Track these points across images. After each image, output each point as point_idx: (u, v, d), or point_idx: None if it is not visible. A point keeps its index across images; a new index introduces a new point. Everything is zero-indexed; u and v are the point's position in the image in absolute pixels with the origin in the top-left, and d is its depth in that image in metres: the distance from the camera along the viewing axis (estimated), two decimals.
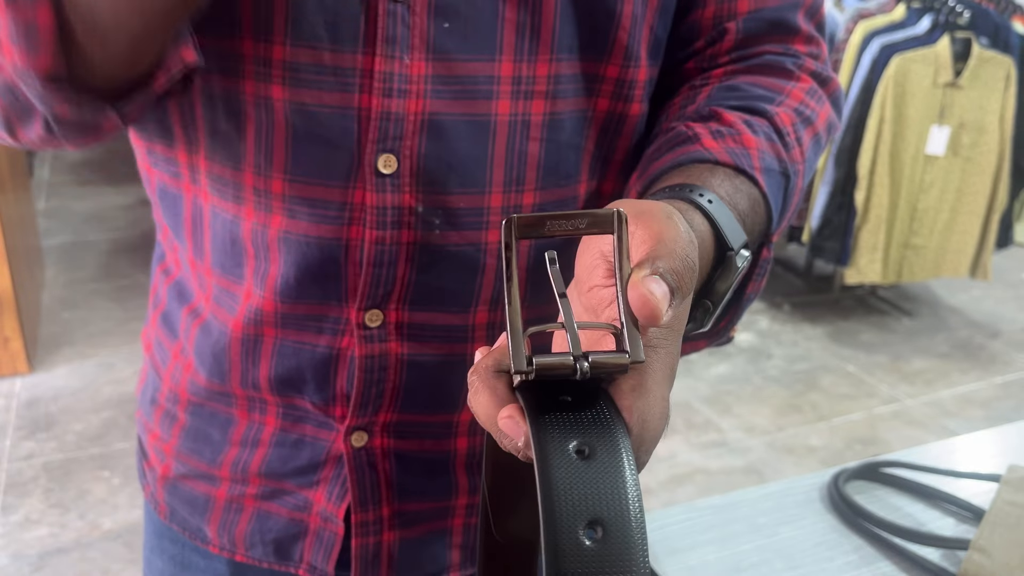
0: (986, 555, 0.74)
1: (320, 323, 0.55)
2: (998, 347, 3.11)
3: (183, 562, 0.67)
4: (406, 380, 0.57)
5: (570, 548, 0.25)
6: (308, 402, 0.58)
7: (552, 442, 0.27)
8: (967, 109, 2.81)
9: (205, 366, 0.60)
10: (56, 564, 1.85)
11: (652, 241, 0.33)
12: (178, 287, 0.63)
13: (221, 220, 0.55)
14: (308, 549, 0.62)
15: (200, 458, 0.63)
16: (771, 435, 2.48)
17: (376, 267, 0.53)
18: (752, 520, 0.84)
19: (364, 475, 0.59)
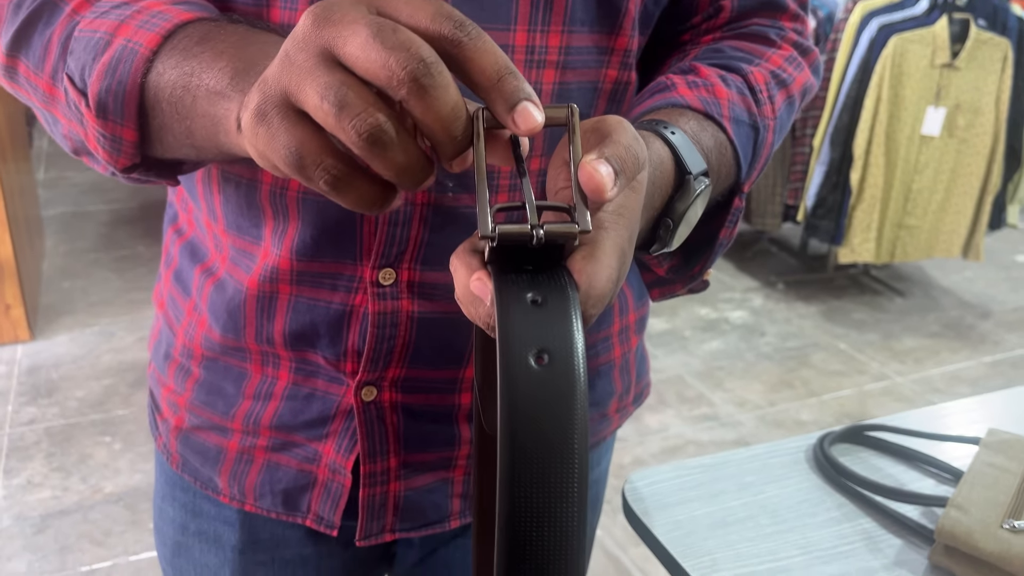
0: (963, 512, 0.77)
1: (335, 280, 0.57)
2: (988, 327, 3.15)
3: (194, 510, 0.70)
4: (415, 337, 0.59)
5: (521, 371, 0.30)
6: (320, 357, 0.60)
7: (511, 293, 0.32)
8: (963, 90, 2.82)
9: (219, 322, 0.62)
10: (58, 525, 1.89)
11: (602, 138, 0.37)
12: (191, 247, 0.65)
13: (235, 183, 0.57)
14: (316, 500, 0.65)
15: (213, 411, 0.65)
16: (762, 410, 2.52)
17: (391, 226, 0.55)
18: (739, 479, 0.87)
19: (373, 428, 0.61)
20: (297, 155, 0.34)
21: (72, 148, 0.52)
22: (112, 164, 0.47)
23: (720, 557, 0.76)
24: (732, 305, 3.22)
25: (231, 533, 0.68)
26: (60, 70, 0.48)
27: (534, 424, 0.29)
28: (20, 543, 1.83)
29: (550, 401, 0.29)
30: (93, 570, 1.77)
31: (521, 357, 0.30)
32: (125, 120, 0.45)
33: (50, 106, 0.50)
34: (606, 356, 0.71)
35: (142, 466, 2.10)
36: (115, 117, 0.45)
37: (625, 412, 0.77)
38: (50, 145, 4.44)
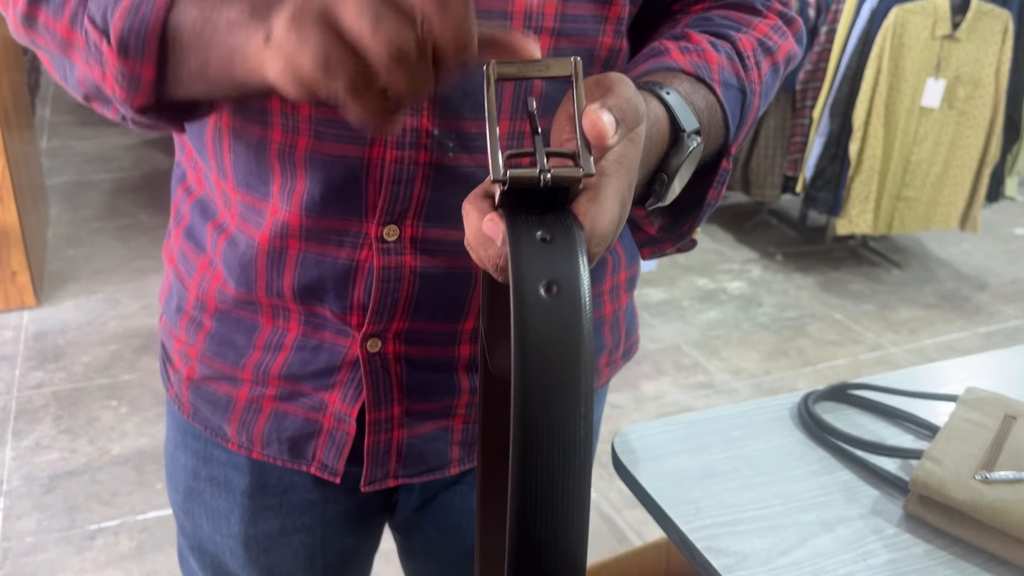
0: (937, 464, 0.80)
1: (341, 236, 0.60)
2: (984, 299, 3.18)
3: (205, 456, 0.73)
4: (418, 291, 0.61)
5: (532, 300, 0.33)
6: (328, 310, 0.63)
7: (521, 231, 0.35)
8: (964, 62, 2.83)
9: (233, 277, 0.64)
10: (67, 486, 1.94)
11: (604, 91, 0.40)
12: (201, 204, 0.67)
13: (245, 142, 0.59)
14: (321, 447, 0.67)
15: (224, 361, 0.68)
16: (758, 378, 2.56)
17: (395, 185, 0.57)
18: (725, 434, 0.91)
19: (378, 378, 0.64)
20: (325, 57, 0.37)
21: (84, 94, 0.54)
22: (128, 103, 0.49)
23: (703, 505, 0.79)
24: (730, 276, 3.24)
25: (240, 478, 0.71)
26: (80, 14, 0.50)
27: (545, 347, 0.32)
28: (29, 502, 1.88)
29: (559, 326, 0.33)
30: (101, 528, 1.82)
31: (532, 287, 0.33)
32: (145, 58, 0.47)
33: (67, 51, 0.52)
34: (597, 312, 0.73)
35: (148, 429, 2.14)
36: (135, 55, 0.47)
37: (615, 366, 0.80)
38: (53, 114, 4.45)
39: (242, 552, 0.74)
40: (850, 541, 0.76)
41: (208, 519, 0.74)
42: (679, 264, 3.33)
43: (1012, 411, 0.90)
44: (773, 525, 0.77)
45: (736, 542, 0.75)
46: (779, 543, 0.75)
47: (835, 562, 0.73)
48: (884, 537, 0.77)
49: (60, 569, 1.71)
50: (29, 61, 3.98)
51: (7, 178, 2.43)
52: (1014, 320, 3.03)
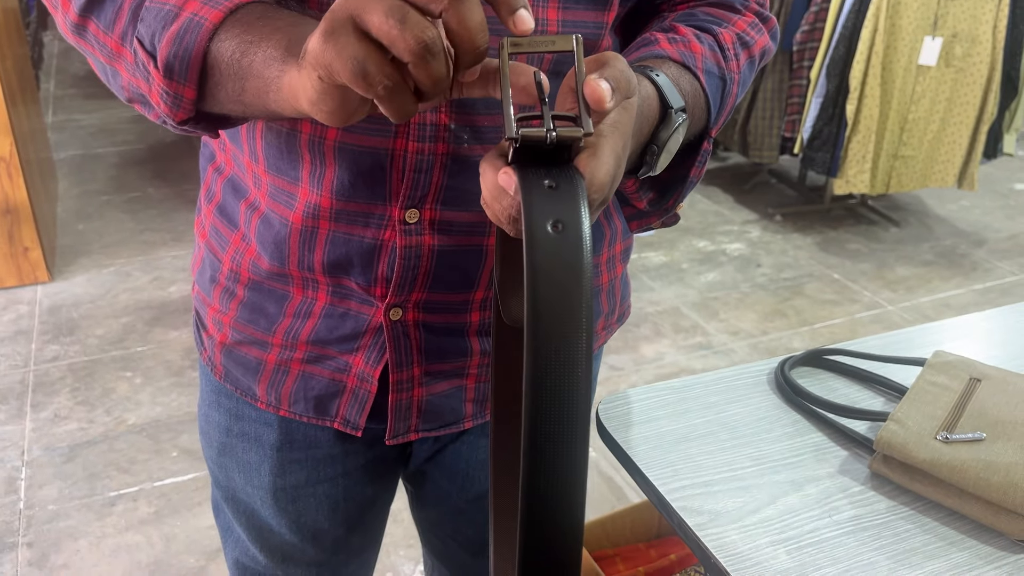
0: (901, 425, 0.85)
1: (367, 218, 0.66)
2: (981, 255, 3.21)
3: (238, 414, 0.79)
4: (435, 266, 0.68)
5: (540, 235, 0.39)
6: (354, 283, 0.69)
7: (531, 180, 0.41)
8: (960, 19, 2.83)
9: (267, 252, 0.70)
10: (86, 455, 2.01)
11: (601, 65, 0.47)
12: (232, 183, 0.73)
13: (276, 132, 0.64)
14: (344, 405, 0.74)
15: (256, 328, 0.74)
16: (755, 338, 2.61)
17: (416, 173, 0.63)
18: (704, 399, 0.96)
19: (400, 343, 0.71)
20: (363, 65, 0.41)
21: (128, 97, 0.59)
22: (171, 117, 0.55)
23: (681, 468, 0.85)
24: (730, 237, 3.28)
25: (270, 434, 0.78)
26: (130, 33, 0.55)
27: (553, 273, 0.38)
28: (51, 471, 1.95)
29: (564, 256, 0.38)
30: (120, 495, 1.90)
31: (541, 225, 0.39)
32: (188, 81, 0.53)
33: (114, 61, 0.58)
34: (595, 281, 0.80)
35: (162, 399, 2.21)
36: (179, 78, 0.53)
37: (610, 330, 0.87)
38: (57, 88, 4.47)
39: (271, 502, 0.81)
40: (817, 499, 0.82)
41: (240, 472, 0.81)
42: (679, 227, 3.36)
43: (977, 374, 0.94)
44: (745, 485, 0.83)
45: (710, 502, 0.80)
46: (750, 502, 0.81)
47: (802, 518, 0.79)
48: (850, 495, 0.82)
49: (82, 535, 1.79)
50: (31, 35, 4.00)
51: (15, 154, 2.47)
52: (1010, 276, 3.06)
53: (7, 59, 2.63)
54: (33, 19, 4.48)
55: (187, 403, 2.20)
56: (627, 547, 1.43)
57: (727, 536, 0.77)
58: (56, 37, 5.45)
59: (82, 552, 1.74)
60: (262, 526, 0.84)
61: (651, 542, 1.45)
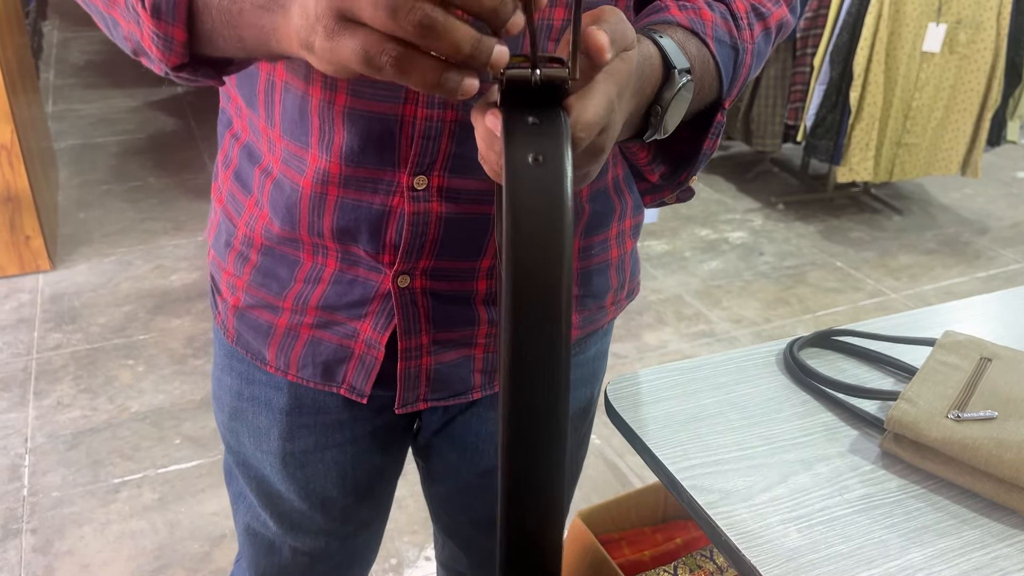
0: (912, 404, 0.85)
1: (376, 185, 0.66)
2: (984, 243, 3.20)
3: (248, 377, 0.80)
4: (442, 233, 0.68)
5: (522, 165, 0.39)
6: (362, 250, 0.69)
7: (515, 117, 0.41)
8: (965, 6, 2.81)
9: (279, 217, 0.71)
10: (89, 442, 2.01)
11: (598, 18, 0.47)
12: (248, 149, 0.73)
13: (292, 95, 0.65)
14: (351, 371, 0.75)
15: (268, 291, 0.75)
16: (758, 326, 2.61)
17: (425, 140, 0.63)
18: (713, 380, 0.95)
19: (408, 310, 0.71)
20: (363, 51, 0.40)
21: (132, 49, 0.59)
22: (164, 62, 0.54)
23: (691, 448, 0.84)
24: (732, 226, 3.27)
25: (279, 398, 0.79)
26: None
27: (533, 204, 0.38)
28: (54, 458, 1.95)
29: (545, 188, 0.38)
30: (124, 482, 1.90)
31: (523, 157, 0.39)
32: (176, 21, 0.52)
33: (111, 8, 0.57)
34: (604, 256, 0.80)
35: (164, 387, 2.21)
36: (167, 18, 0.52)
37: (619, 306, 0.86)
38: (57, 77, 4.46)
39: (280, 467, 0.82)
40: (828, 478, 0.81)
41: (250, 436, 0.82)
42: (681, 215, 3.36)
43: (988, 353, 0.94)
44: (756, 464, 0.82)
45: (720, 480, 0.80)
46: (760, 481, 0.80)
47: (813, 497, 0.79)
48: (861, 473, 0.82)
49: (86, 521, 1.79)
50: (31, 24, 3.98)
51: (16, 143, 2.46)
52: (1014, 264, 3.05)
53: (7, 48, 2.62)
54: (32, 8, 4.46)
55: (190, 391, 2.20)
56: (632, 531, 1.43)
57: (738, 514, 0.76)
58: (55, 27, 5.43)
59: (86, 538, 1.74)
60: (272, 492, 0.85)
61: (657, 526, 1.45)
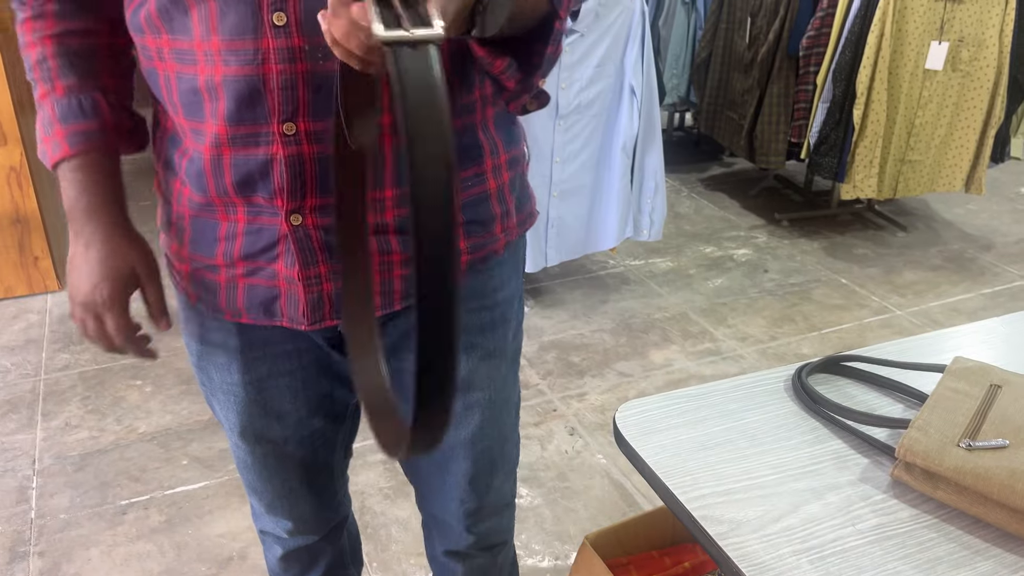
0: (923, 432, 0.85)
1: (257, 137, 0.77)
2: (989, 259, 3.20)
3: (206, 325, 0.94)
4: (318, 172, 0.79)
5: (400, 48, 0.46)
6: (260, 198, 0.80)
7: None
8: (967, 23, 2.82)
9: (193, 184, 0.83)
10: (97, 463, 2.01)
11: None
12: (171, 139, 0.85)
13: (183, 80, 0.77)
14: (285, 305, 0.86)
15: (203, 254, 0.87)
16: (764, 344, 2.61)
17: (284, 91, 0.74)
18: (722, 407, 0.96)
19: (304, 245, 0.82)
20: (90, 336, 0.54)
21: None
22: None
23: (701, 476, 0.84)
24: (737, 243, 3.28)
25: (232, 339, 0.92)
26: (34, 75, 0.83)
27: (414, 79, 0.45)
28: (62, 480, 1.95)
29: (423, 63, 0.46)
30: (132, 503, 1.90)
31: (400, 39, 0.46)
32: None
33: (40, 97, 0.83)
34: (481, 187, 0.89)
35: (172, 407, 2.21)
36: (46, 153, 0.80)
37: (510, 232, 0.95)
38: None
39: (243, 393, 0.96)
40: (840, 507, 0.81)
41: (216, 372, 0.96)
42: (685, 232, 3.36)
43: (997, 380, 0.94)
44: (766, 493, 0.82)
45: (731, 510, 0.80)
46: (771, 511, 0.80)
47: (825, 527, 0.79)
48: (872, 503, 0.82)
49: (94, 543, 1.79)
50: None
51: (25, 165, 2.48)
52: (1019, 280, 3.05)
53: (16, 70, 2.64)
54: None
55: (198, 411, 2.20)
56: (640, 555, 1.43)
57: (749, 545, 0.76)
58: None
59: (94, 561, 1.74)
60: (240, 411, 0.98)
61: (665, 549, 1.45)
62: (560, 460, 2.07)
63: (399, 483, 1.99)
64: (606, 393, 2.34)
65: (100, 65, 0.88)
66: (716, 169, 4.06)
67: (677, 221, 3.47)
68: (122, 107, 0.89)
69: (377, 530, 1.84)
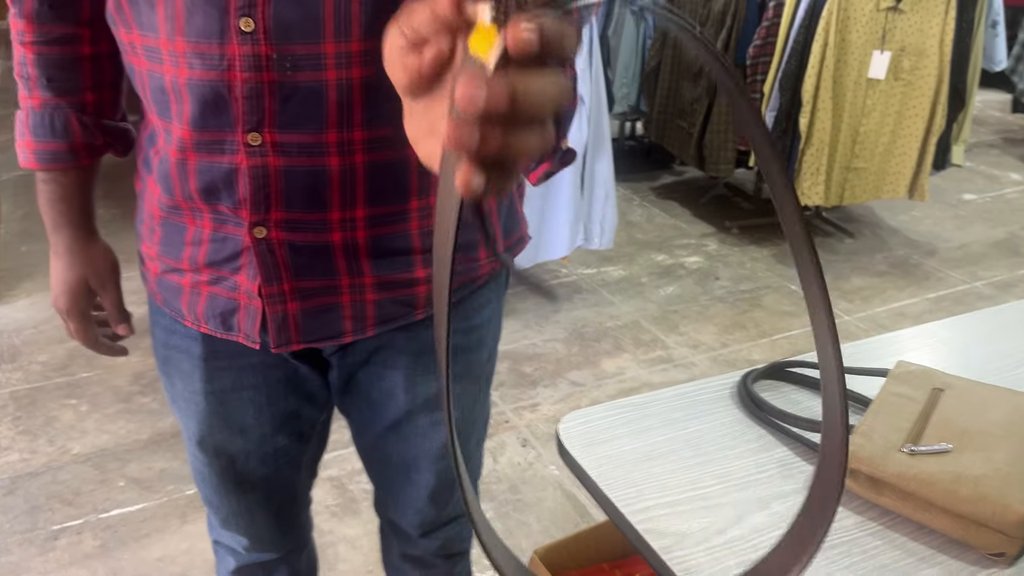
0: (867, 438, 0.84)
1: (222, 145, 0.74)
2: (933, 265, 3.26)
3: (171, 329, 0.91)
4: (284, 186, 0.75)
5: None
6: (224, 207, 0.78)
7: None
8: (908, 33, 2.88)
9: (161, 185, 0.80)
10: (27, 487, 1.93)
11: None
12: (151, 137, 0.82)
13: (153, 78, 0.75)
14: (243, 320, 0.83)
15: (171, 257, 0.84)
16: (715, 351, 2.61)
17: (249, 99, 0.71)
18: (667, 416, 0.94)
19: (267, 259, 0.79)
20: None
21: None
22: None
23: (645, 488, 0.82)
24: (688, 251, 3.29)
25: (196, 346, 0.89)
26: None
27: None
28: None
29: None
30: (64, 528, 1.82)
31: None
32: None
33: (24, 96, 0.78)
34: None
35: (109, 426, 2.13)
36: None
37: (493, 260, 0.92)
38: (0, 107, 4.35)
39: (204, 403, 0.92)
40: (785, 516, 0.80)
41: (179, 378, 0.93)
42: (637, 240, 3.37)
43: (940, 383, 0.93)
44: (711, 504, 0.80)
45: (675, 523, 0.78)
46: (717, 522, 0.78)
47: (769, 538, 0.77)
48: None
49: (24, 570, 1.70)
50: None
51: None
52: (962, 285, 3.11)
53: None
54: None
55: (136, 430, 2.13)
56: (592, 567, 1.40)
57: (694, 558, 0.74)
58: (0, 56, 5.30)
59: None
60: (200, 421, 0.94)
61: (616, 562, 1.42)
62: (512, 472, 2.04)
63: (347, 500, 1.94)
64: (559, 403, 2.32)
65: (80, 78, 0.86)
66: (667, 177, 4.08)
67: (629, 229, 3.47)
68: (97, 126, 0.88)
69: (324, 549, 1.78)
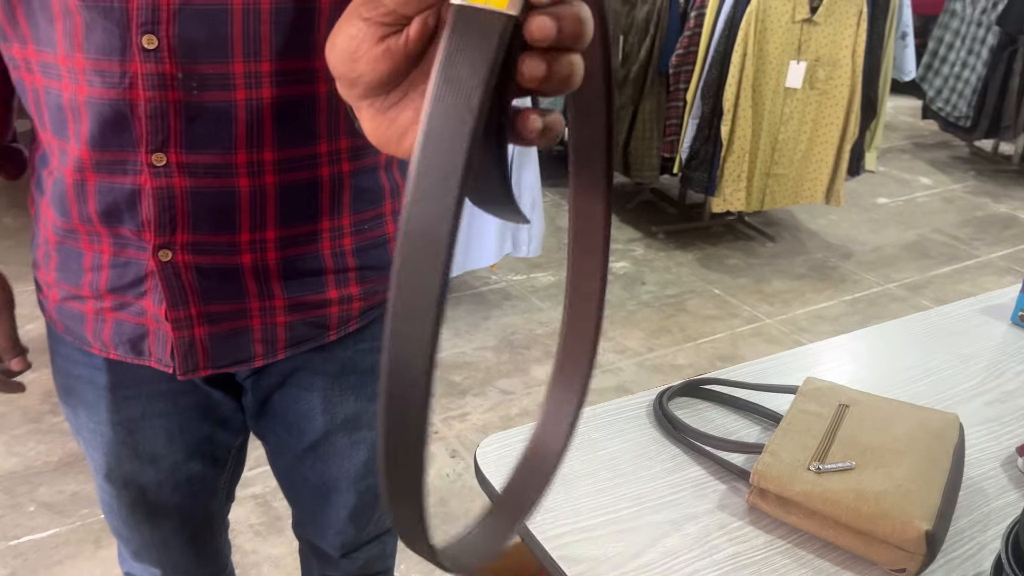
0: (776, 457, 0.86)
1: (124, 166, 0.72)
2: (849, 268, 3.37)
3: (73, 359, 0.88)
4: (191, 207, 0.73)
5: None
6: (126, 230, 0.75)
7: None
8: (823, 44, 2.96)
9: (56, 208, 0.77)
10: None
11: None
12: (42, 157, 0.79)
13: (51, 96, 0.72)
14: (153, 345, 0.81)
15: (69, 284, 0.81)
16: (641, 356, 2.65)
17: (153, 119, 0.69)
18: (584, 436, 0.94)
19: (172, 283, 0.76)
20: None
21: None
22: None
23: (561, 513, 0.82)
24: (615, 256, 3.33)
25: (100, 375, 0.86)
26: None
27: None
28: None
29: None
30: None
31: None
32: None
33: None
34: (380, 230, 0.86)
35: (17, 449, 2.05)
36: None
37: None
38: None
39: (111, 434, 0.89)
40: (697, 538, 0.81)
41: (83, 409, 0.89)
42: (565, 247, 3.39)
43: (846, 400, 0.96)
44: (625, 528, 0.81)
45: (591, 548, 0.78)
46: (631, 546, 0.79)
47: (682, 560, 0.78)
48: (729, 531, 0.82)
49: None
50: None
51: None
52: (875, 287, 3.22)
53: None
54: None
55: (46, 451, 2.05)
56: None
57: None
58: None
59: None
60: (107, 453, 0.90)
61: None
62: (441, 484, 2.03)
63: (271, 519, 1.90)
64: (488, 412, 2.32)
65: None
66: None
67: (558, 235, 3.49)
68: None
69: (247, 570, 1.75)
